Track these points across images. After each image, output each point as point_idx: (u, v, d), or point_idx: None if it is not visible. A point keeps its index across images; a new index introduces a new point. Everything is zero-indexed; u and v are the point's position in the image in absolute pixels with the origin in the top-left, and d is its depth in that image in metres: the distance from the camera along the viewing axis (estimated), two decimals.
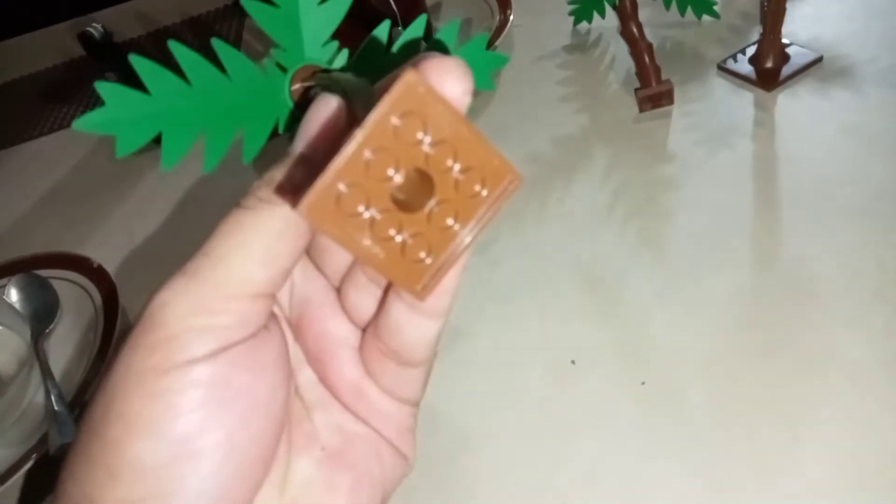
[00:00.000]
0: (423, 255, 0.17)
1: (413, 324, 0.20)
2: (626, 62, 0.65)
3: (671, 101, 0.59)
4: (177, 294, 0.18)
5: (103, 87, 0.21)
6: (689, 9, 0.67)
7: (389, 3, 0.64)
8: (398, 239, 0.17)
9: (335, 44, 0.25)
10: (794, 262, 0.46)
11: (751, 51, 0.61)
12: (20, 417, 0.51)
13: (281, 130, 0.25)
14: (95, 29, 0.69)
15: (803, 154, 0.53)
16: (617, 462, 0.39)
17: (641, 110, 0.60)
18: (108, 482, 0.18)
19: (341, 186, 0.16)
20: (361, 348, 0.23)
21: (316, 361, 0.23)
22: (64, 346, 0.55)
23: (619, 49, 0.67)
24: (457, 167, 0.17)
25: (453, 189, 0.17)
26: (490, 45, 0.68)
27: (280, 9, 0.24)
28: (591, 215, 0.53)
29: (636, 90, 0.60)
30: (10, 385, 0.49)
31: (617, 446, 0.40)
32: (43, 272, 0.59)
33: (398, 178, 0.16)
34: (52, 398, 0.47)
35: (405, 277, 0.18)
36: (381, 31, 0.26)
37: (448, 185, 0.17)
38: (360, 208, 0.16)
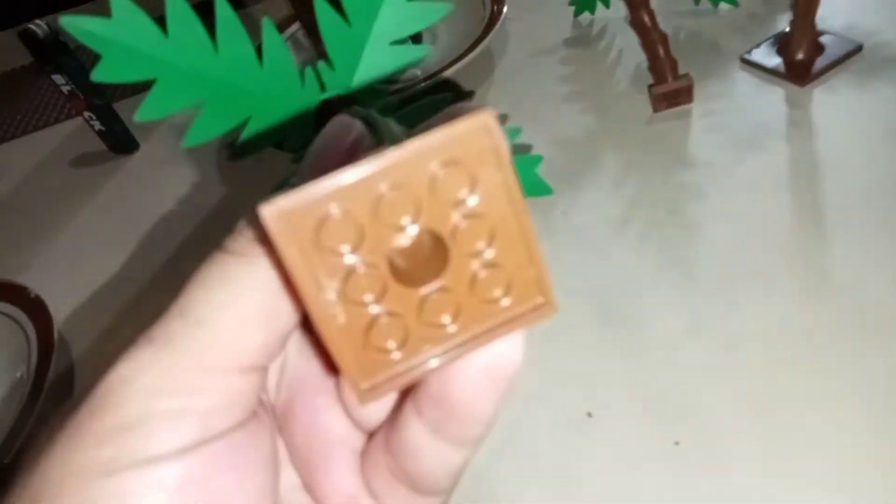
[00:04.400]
0: (391, 344, 0.14)
1: (434, 450, 0.16)
2: (635, 56, 0.58)
3: (690, 99, 0.52)
4: (142, 367, 0.15)
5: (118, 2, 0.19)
6: None
7: None
8: (371, 309, 0.13)
9: (386, 90, 0.23)
10: (847, 288, 0.39)
11: (778, 41, 0.54)
12: None
13: (287, 150, 0.23)
14: (39, 27, 0.61)
15: (846, 158, 0.46)
16: None
17: (656, 110, 0.52)
18: None
19: (334, 207, 0.13)
20: (364, 456, 0.18)
21: (303, 462, 0.19)
22: None
23: (627, 41, 0.60)
24: (485, 255, 0.14)
25: (467, 281, 0.14)
26: (480, 40, 0.61)
27: (351, 28, 0.21)
28: (603, 231, 0.46)
29: (650, 87, 0.53)
30: None
31: None
32: None
33: (410, 234, 0.13)
34: None
35: (354, 364, 0.14)
36: (441, 100, 0.24)
37: (464, 273, 0.14)
38: (345, 248, 0.13)
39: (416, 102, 0.23)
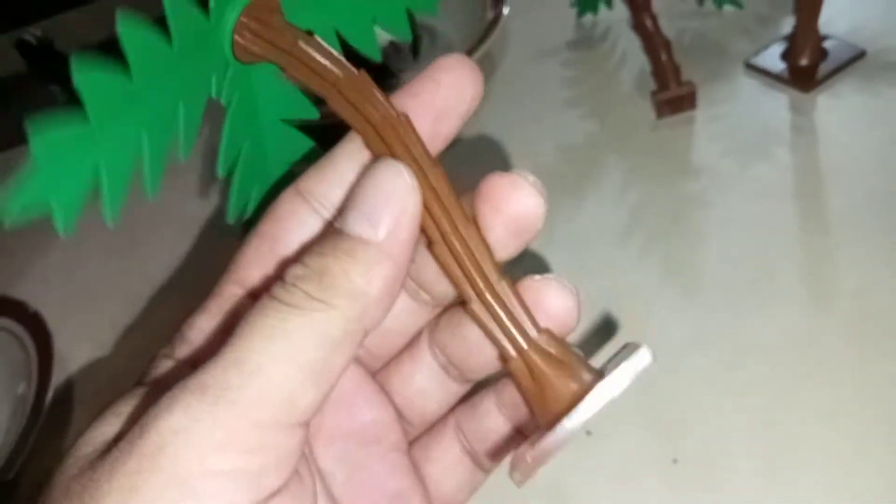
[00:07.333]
0: None
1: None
2: (638, 59, 0.57)
3: (693, 106, 0.51)
4: (197, 418, 0.14)
5: (37, 145, 0.15)
6: None
7: None
8: None
9: None
10: (854, 296, 0.38)
11: (782, 45, 0.53)
12: None
13: (214, 94, 0.19)
14: (33, 35, 0.60)
15: (853, 164, 0.45)
16: None
17: (659, 116, 0.52)
18: None
19: None
20: (414, 447, 0.21)
21: (340, 463, 0.19)
22: None
23: (631, 44, 0.59)
24: None
25: None
26: (482, 40, 0.60)
27: None
28: (605, 240, 0.45)
29: (652, 93, 0.52)
30: None
31: None
32: None
33: None
34: None
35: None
36: None
37: None
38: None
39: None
